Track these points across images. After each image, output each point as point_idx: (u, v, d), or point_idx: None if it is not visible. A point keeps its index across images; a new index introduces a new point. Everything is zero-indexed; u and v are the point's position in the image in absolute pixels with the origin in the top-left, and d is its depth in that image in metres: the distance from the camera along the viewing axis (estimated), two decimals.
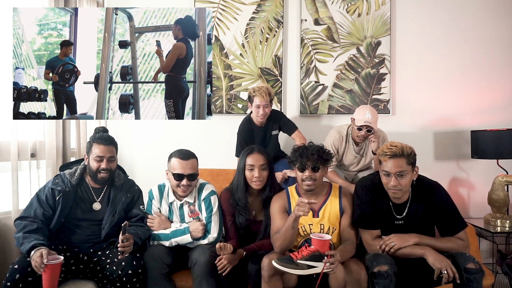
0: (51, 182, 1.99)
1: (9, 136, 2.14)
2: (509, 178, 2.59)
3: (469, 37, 3.10)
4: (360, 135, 2.49)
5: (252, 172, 2.06)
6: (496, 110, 3.07)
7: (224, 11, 3.14)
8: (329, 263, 1.58)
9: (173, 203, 2.15)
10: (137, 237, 1.91)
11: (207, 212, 2.10)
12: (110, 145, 2.04)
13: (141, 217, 2.06)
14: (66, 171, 2.04)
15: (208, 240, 2.04)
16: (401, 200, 1.88)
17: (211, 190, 2.16)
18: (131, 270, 1.81)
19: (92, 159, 2.00)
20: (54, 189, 1.95)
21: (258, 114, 2.60)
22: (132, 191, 2.12)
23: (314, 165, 1.87)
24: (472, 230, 2.28)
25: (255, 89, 2.59)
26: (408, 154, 1.78)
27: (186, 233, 2.01)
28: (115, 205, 2.02)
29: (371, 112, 2.43)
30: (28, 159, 2.26)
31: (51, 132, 2.39)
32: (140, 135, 3.20)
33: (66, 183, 1.98)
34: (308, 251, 1.63)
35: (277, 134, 2.78)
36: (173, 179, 2.06)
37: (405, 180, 1.78)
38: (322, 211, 1.93)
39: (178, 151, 2.11)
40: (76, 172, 2.03)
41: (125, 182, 2.12)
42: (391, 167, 1.77)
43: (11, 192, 2.14)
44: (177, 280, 1.99)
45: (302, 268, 1.59)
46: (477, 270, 1.64)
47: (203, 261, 1.89)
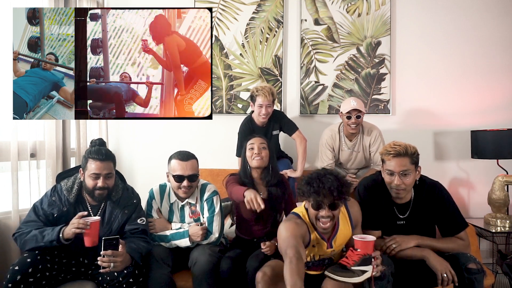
0: (47, 200, 1.86)
1: (9, 136, 2.14)
2: (509, 178, 2.59)
3: (469, 37, 3.10)
4: (351, 123, 2.53)
5: (252, 151, 2.10)
6: (496, 110, 3.07)
7: (224, 11, 3.14)
8: (376, 265, 1.53)
9: (174, 203, 2.14)
10: (137, 252, 1.82)
11: (209, 212, 2.10)
12: (107, 161, 1.88)
13: (142, 230, 1.95)
14: (63, 184, 1.91)
15: (210, 240, 2.04)
16: (403, 200, 1.88)
17: (213, 190, 2.15)
18: (130, 275, 1.78)
19: (87, 176, 1.85)
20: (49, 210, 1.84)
21: (261, 114, 2.61)
22: (130, 206, 1.97)
23: (333, 203, 1.60)
24: (472, 230, 2.28)
25: (258, 89, 2.60)
26: (411, 154, 1.78)
27: (185, 236, 2.01)
28: (110, 223, 1.91)
29: (355, 100, 2.54)
30: (28, 159, 2.25)
31: (51, 132, 2.39)
32: (140, 135, 3.20)
33: (64, 201, 1.86)
34: (358, 255, 1.53)
35: (278, 134, 2.79)
36: (173, 181, 2.04)
37: (408, 179, 1.78)
38: (335, 241, 1.72)
39: (178, 153, 2.09)
40: (74, 189, 1.89)
41: (123, 196, 1.98)
42: (394, 166, 1.77)
43: (11, 192, 2.13)
44: (177, 280, 1.98)
45: (358, 275, 1.51)
46: (478, 270, 1.64)
47: (203, 261, 1.89)
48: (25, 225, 1.81)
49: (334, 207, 1.60)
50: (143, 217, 2.01)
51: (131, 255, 1.79)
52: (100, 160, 1.85)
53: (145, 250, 1.89)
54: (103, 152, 1.87)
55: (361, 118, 2.54)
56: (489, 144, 2.71)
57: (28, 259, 1.69)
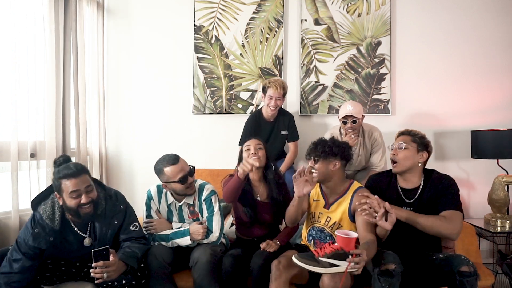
0: (30, 234, 1.67)
1: (9, 136, 2.14)
2: (509, 178, 2.59)
3: (469, 37, 3.10)
4: (347, 128, 2.53)
5: (249, 152, 2.11)
6: (496, 110, 3.07)
7: (224, 11, 3.14)
8: (354, 262, 1.48)
9: (172, 204, 2.14)
10: (132, 257, 1.78)
11: (208, 212, 2.10)
12: (81, 174, 1.70)
13: (137, 237, 1.91)
14: (42, 213, 1.72)
15: (210, 239, 2.04)
16: (410, 185, 1.92)
17: (211, 190, 2.15)
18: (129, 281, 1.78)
19: (67, 197, 1.67)
20: (35, 244, 1.67)
21: (270, 105, 2.67)
22: (118, 214, 1.87)
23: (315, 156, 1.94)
24: (472, 230, 2.27)
25: (271, 81, 2.69)
26: (414, 134, 1.94)
27: (186, 235, 2.01)
28: (102, 239, 1.82)
29: (352, 105, 2.53)
30: (28, 159, 2.25)
31: (51, 132, 2.39)
32: (140, 135, 3.20)
33: (48, 231, 1.69)
34: (332, 248, 1.54)
35: (286, 134, 2.82)
36: (178, 185, 2.01)
37: (402, 153, 1.88)
38: (334, 206, 1.95)
39: (163, 162, 2.02)
40: (56, 215, 1.71)
41: (107, 207, 1.83)
42: (396, 142, 1.95)
43: (11, 192, 2.13)
44: (177, 280, 1.98)
45: (324, 266, 1.49)
46: (471, 273, 1.60)
47: (204, 260, 1.89)
48: (10, 266, 1.67)
49: (316, 160, 1.91)
50: (135, 222, 1.94)
51: (125, 261, 1.75)
52: (74, 176, 1.67)
53: (141, 252, 1.87)
54: (72, 167, 1.70)
55: (358, 123, 2.54)
56: (489, 144, 2.71)
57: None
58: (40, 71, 2.36)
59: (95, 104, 2.91)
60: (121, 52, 3.21)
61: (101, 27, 3.03)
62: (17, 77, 2.17)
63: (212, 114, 3.16)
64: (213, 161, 3.07)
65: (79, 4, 2.68)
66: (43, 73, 2.38)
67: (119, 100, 3.21)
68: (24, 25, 2.28)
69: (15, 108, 2.14)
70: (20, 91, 2.22)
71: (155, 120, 3.21)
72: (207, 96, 3.16)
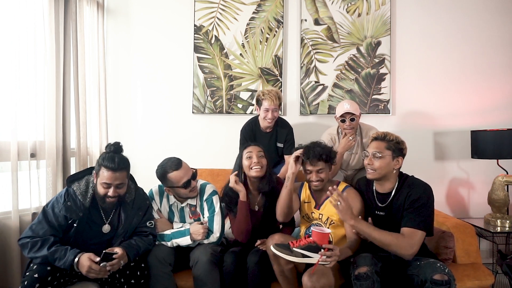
0: (63, 206, 1.76)
1: (9, 136, 2.13)
2: (509, 178, 2.59)
3: (469, 37, 3.10)
4: (346, 126, 2.51)
5: (251, 160, 2.05)
6: (496, 110, 3.07)
7: (224, 11, 3.14)
8: (325, 256, 1.61)
9: (173, 204, 2.14)
10: (134, 249, 1.84)
11: (209, 212, 2.10)
12: (120, 171, 1.78)
13: (150, 233, 1.98)
14: (75, 188, 1.82)
15: (211, 239, 2.05)
16: (384, 190, 1.89)
17: (213, 190, 2.15)
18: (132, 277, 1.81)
19: (99, 183, 1.79)
20: (67, 215, 1.76)
21: (266, 118, 2.58)
22: (143, 207, 1.98)
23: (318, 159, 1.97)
24: (472, 230, 2.28)
25: (265, 92, 2.56)
26: (389, 140, 1.86)
27: (186, 234, 2.01)
28: (127, 225, 1.90)
29: (349, 103, 2.52)
30: (28, 159, 2.25)
31: (51, 132, 2.39)
32: (140, 135, 3.20)
33: (79, 206, 1.78)
34: (306, 241, 1.68)
35: (282, 147, 2.73)
36: (183, 189, 2.02)
37: (378, 162, 1.83)
38: (324, 205, 2.02)
39: (165, 167, 2.02)
40: (88, 193, 1.82)
41: (136, 197, 1.95)
42: (370, 148, 1.89)
43: (11, 192, 2.13)
44: (177, 280, 1.99)
45: (296, 256, 1.63)
46: (444, 282, 1.54)
47: (204, 260, 1.89)
48: (33, 231, 1.73)
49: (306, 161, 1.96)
50: (152, 220, 2.02)
51: (127, 251, 1.80)
52: (113, 170, 1.76)
53: (142, 250, 1.89)
54: (116, 161, 1.77)
55: (356, 120, 2.52)
56: (489, 144, 2.71)
57: (48, 267, 1.68)
58: (40, 71, 2.36)
59: (95, 104, 2.90)
60: (121, 52, 3.21)
61: (101, 27, 3.02)
62: (17, 77, 2.17)
63: (212, 114, 3.16)
64: (213, 161, 3.07)
65: (79, 4, 2.68)
66: (43, 73, 2.38)
67: (119, 100, 3.21)
68: (24, 25, 2.27)
69: (15, 108, 2.14)
70: (20, 91, 2.22)
71: (155, 120, 3.21)
72: (207, 96, 3.16)
